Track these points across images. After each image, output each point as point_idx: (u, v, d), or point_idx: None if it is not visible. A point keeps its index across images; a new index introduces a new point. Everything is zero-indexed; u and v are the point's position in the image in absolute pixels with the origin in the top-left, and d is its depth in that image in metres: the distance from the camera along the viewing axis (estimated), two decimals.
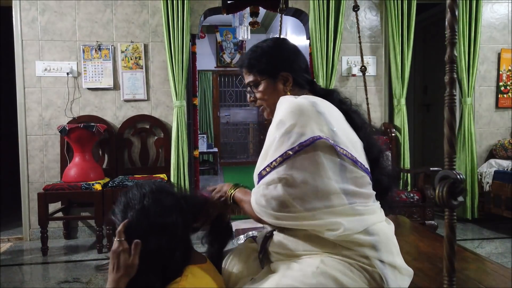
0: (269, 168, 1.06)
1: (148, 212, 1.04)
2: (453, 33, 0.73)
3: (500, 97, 4.14)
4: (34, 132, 3.63)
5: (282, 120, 1.07)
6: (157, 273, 1.03)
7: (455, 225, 0.72)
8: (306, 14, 3.93)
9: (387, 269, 1.03)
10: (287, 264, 1.07)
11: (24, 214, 3.63)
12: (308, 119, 1.05)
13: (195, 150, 3.96)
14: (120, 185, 3.23)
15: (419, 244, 1.79)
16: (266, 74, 1.24)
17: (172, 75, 3.61)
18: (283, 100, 1.14)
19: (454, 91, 0.74)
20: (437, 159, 4.76)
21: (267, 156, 1.09)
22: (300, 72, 1.25)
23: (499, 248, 3.23)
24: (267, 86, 1.24)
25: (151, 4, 3.73)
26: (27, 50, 3.60)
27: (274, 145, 1.07)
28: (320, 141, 1.03)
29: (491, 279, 1.40)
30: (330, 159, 1.04)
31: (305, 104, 1.08)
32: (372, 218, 1.07)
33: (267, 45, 1.28)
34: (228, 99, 9.22)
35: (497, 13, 4.12)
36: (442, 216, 4.43)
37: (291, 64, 1.24)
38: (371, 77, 4.02)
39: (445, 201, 0.69)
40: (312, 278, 0.99)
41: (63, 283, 2.64)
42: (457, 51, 3.92)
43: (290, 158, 1.03)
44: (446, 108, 0.73)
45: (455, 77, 0.75)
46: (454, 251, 0.72)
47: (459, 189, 0.69)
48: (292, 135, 1.04)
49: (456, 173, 0.69)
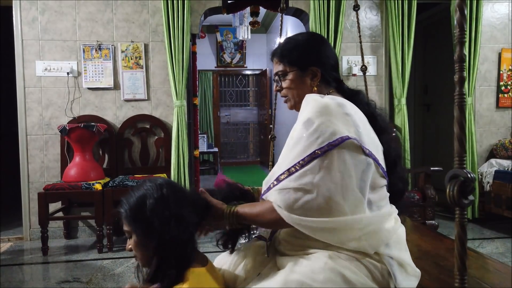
0: (299, 166, 1.05)
1: (168, 200, 1.03)
2: (463, 32, 0.73)
3: (501, 96, 4.13)
4: (35, 132, 3.63)
5: (310, 119, 1.07)
6: (171, 263, 1.03)
7: (466, 224, 0.72)
8: (306, 14, 3.92)
9: (396, 267, 1.04)
10: (295, 260, 1.07)
11: (24, 214, 3.63)
12: (336, 120, 1.06)
13: (195, 150, 3.96)
14: (121, 185, 3.23)
15: (421, 243, 1.79)
16: (296, 65, 1.25)
17: (172, 75, 3.61)
18: (310, 98, 1.14)
19: (463, 90, 0.73)
20: (437, 158, 4.75)
21: (290, 154, 1.08)
22: (329, 69, 1.26)
23: (500, 248, 3.22)
24: (294, 77, 1.25)
25: (151, 4, 3.72)
26: (27, 49, 3.60)
27: (302, 144, 1.06)
28: (348, 141, 1.03)
29: (493, 277, 1.40)
30: (358, 158, 1.04)
31: (332, 105, 1.08)
32: (387, 220, 1.09)
33: (301, 38, 1.29)
34: (229, 99, 9.22)
35: (498, 12, 4.11)
36: (443, 216, 4.43)
37: (322, 60, 1.25)
38: (372, 77, 4.02)
39: (456, 200, 0.68)
40: (320, 274, 0.99)
41: (63, 283, 2.64)
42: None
43: (319, 158, 1.02)
44: (456, 107, 0.73)
45: (465, 76, 0.74)
46: (466, 250, 0.72)
47: (469, 188, 0.68)
48: (321, 135, 1.03)
49: (466, 172, 0.68)
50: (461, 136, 0.72)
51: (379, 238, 1.05)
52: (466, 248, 0.72)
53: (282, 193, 1.05)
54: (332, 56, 1.29)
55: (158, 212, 1.01)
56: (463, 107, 0.73)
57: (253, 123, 9.38)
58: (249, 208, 1.15)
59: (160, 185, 1.06)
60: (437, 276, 1.39)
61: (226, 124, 9.24)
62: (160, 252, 1.01)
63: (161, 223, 1.00)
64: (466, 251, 0.72)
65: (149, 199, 1.03)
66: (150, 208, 1.02)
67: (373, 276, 1.02)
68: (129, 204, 1.05)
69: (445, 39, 4.32)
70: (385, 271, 1.04)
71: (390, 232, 1.08)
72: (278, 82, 1.31)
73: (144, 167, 3.73)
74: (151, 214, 1.01)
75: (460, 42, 0.73)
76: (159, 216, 1.01)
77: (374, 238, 1.04)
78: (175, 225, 1.01)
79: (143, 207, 1.02)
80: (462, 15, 0.72)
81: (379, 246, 1.04)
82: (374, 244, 1.04)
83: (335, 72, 1.29)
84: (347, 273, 1.00)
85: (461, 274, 0.72)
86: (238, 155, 9.45)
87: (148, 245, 1.02)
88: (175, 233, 1.01)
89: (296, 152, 1.07)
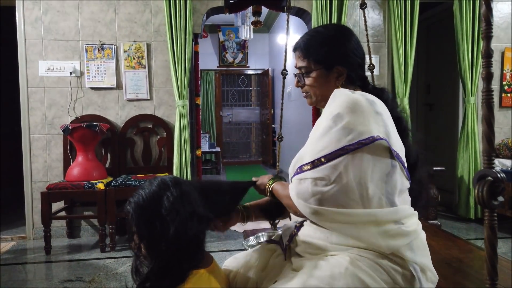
0: (325, 159, 1.02)
1: (188, 197, 1.03)
2: (489, 26, 0.69)
3: (504, 96, 4.12)
4: (38, 131, 3.64)
5: (340, 114, 1.03)
6: (185, 260, 1.01)
7: (495, 225, 0.68)
8: (308, 13, 3.92)
9: (419, 272, 1.01)
10: (314, 262, 1.03)
11: (27, 213, 3.64)
12: (367, 118, 1.03)
13: (197, 149, 3.96)
14: (123, 185, 3.24)
15: (431, 243, 1.77)
16: (322, 64, 1.20)
17: (174, 74, 3.61)
18: (339, 93, 1.10)
19: (491, 87, 0.70)
20: (440, 158, 4.74)
21: (316, 145, 1.06)
22: (355, 68, 1.21)
23: (503, 247, 3.21)
24: (319, 76, 1.20)
25: (153, 4, 3.73)
26: (30, 49, 3.61)
27: (330, 137, 1.03)
28: (379, 142, 1.01)
29: (506, 277, 1.38)
30: (385, 161, 1.02)
31: (363, 102, 1.05)
32: (408, 222, 1.06)
33: (328, 32, 1.23)
34: (231, 98, 9.22)
35: (501, 12, 4.10)
36: (445, 215, 4.41)
37: (349, 59, 1.19)
38: (374, 76, 4.00)
39: (486, 201, 0.65)
40: (340, 280, 0.96)
41: (66, 282, 2.65)
42: (461, 51, 3.90)
43: (348, 154, 1.00)
44: (483, 104, 0.69)
45: (492, 72, 0.70)
46: (496, 253, 0.69)
47: (500, 188, 0.65)
48: (352, 132, 1.01)
49: (495, 172, 0.65)
50: (489, 135, 0.68)
51: (397, 238, 1.00)
52: (496, 251, 0.69)
53: (302, 183, 1.06)
54: (360, 53, 1.22)
55: (178, 207, 1.00)
56: (491, 104, 0.69)
57: (255, 123, 9.37)
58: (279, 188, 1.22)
59: (177, 182, 1.05)
60: (452, 277, 1.36)
61: (228, 124, 9.24)
62: (166, 253, 0.99)
63: (181, 219, 0.99)
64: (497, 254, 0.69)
65: (166, 192, 1.02)
66: (166, 207, 1.00)
67: (395, 282, 0.99)
68: (140, 204, 1.02)
69: (447, 38, 4.30)
70: (407, 276, 1.00)
71: (409, 234, 1.03)
72: (300, 78, 1.25)
73: (146, 166, 3.74)
74: (166, 213, 0.99)
75: (487, 37, 0.69)
76: (180, 212, 1.00)
77: (392, 237, 1.00)
78: (195, 222, 1.01)
79: (156, 207, 1.00)
80: (488, 9, 0.69)
81: (398, 248, 1.00)
82: (392, 244, 0.99)
83: (361, 70, 1.23)
84: (367, 280, 0.96)
85: (492, 278, 0.69)
86: (240, 154, 9.45)
87: (158, 245, 1.00)
88: (193, 230, 1.00)
89: (323, 145, 1.04)
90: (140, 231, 1.03)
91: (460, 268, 1.46)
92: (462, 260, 1.53)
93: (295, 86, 1.30)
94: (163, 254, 1.00)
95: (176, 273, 1.00)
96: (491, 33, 0.69)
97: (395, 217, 1.02)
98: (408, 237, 1.02)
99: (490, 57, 0.69)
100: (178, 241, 0.98)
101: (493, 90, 0.72)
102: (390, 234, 1.00)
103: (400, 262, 1.00)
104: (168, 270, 1.00)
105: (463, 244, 1.75)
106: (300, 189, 1.06)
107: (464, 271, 1.42)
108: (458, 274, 1.39)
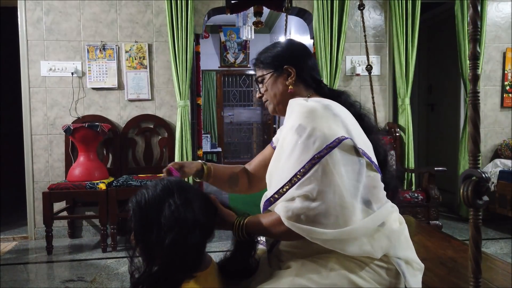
0: (300, 175, 1.01)
1: (191, 206, 1.01)
2: (476, 29, 0.71)
3: (505, 96, 4.11)
4: (39, 131, 3.65)
5: (301, 125, 1.05)
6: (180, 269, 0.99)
7: (480, 225, 0.70)
8: (310, 14, 3.92)
9: (404, 266, 1.04)
10: (301, 261, 1.05)
11: (29, 213, 3.64)
12: (328, 122, 1.05)
13: (199, 149, 3.96)
14: (124, 185, 3.24)
15: (427, 244, 1.77)
16: (271, 67, 1.26)
17: (176, 75, 3.61)
18: (294, 103, 1.13)
19: (477, 88, 0.71)
20: (441, 159, 4.73)
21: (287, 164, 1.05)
22: (305, 69, 1.25)
23: (504, 248, 3.21)
24: (271, 79, 1.26)
25: (155, 4, 3.73)
26: (32, 50, 3.62)
27: (298, 151, 1.03)
28: (344, 142, 1.03)
29: (502, 279, 1.38)
30: (354, 159, 1.04)
31: (318, 108, 1.07)
32: (388, 219, 1.08)
33: (277, 43, 1.32)
34: (232, 99, 9.22)
35: (502, 12, 4.09)
36: (447, 216, 4.41)
37: (295, 59, 1.25)
38: (375, 76, 4.00)
39: (470, 200, 0.67)
40: (327, 279, 0.99)
41: (67, 282, 2.65)
42: (462, 51, 3.90)
43: (320, 162, 1.00)
44: (469, 105, 0.71)
45: (479, 74, 0.72)
46: (480, 252, 0.70)
47: (484, 188, 0.67)
48: (317, 139, 1.01)
49: (480, 172, 0.67)
50: (475, 136, 0.70)
51: (387, 241, 1.03)
52: (480, 250, 0.70)
53: (288, 204, 1.01)
54: (308, 56, 1.29)
55: (171, 220, 0.97)
56: (477, 106, 0.70)
57: (257, 123, 9.37)
58: (258, 220, 1.09)
59: (182, 188, 1.03)
60: (446, 277, 1.37)
61: (230, 124, 9.24)
62: (160, 260, 0.98)
63: (187, 226, 0.97)
64: (481, 253, 0.70)
65: (169, 199, 0.99)
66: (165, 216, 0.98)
67: (381, 279, 1.02)
68: (141, 206, 1.00)
69: (449, 38, 4.29)
70: (392, 272, 1.03)
71: (397, 233, 1.07)
72: (258, 88, 1.32)
73: (148, 166, 3.74)
74: (165, 221, 0.97)
75: (474, 39, 0.71)
76: (185, 218, 0.98)
77: (382, 241, 1.03)
78: (198, 230, 0.99)
79: (156, 213, 0.98)
80: (475, 12, 0.70)
81: (388, 249, 1.03)
82: (384, 247, 1.03)
83: (313, 72, 1.27)
84: (353, 278, 0.99)
85: (476, 277, 0.70)
86: (242, 155, 9.44)
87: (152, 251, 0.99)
88: (195, 238, 0.98)
89: (293, 161, 1.04)
90: (137, 234, 1.01)
91: (455, 268, 1.47)
92: (456, 260, 1.54)
93: (257, 98, 1.36)
94: (156, 261, 0.99)
95: (169, 281, 0.98)
96: (478, 35, 0.71)
97: (377, 223, 1.04)
98: (393, 237, 1.05)
99: (477, 59, 0.71)
100: (174, 250, 0.96)
101: (479, 92, 0.73)
102: (379, 239, 1.03)
103: (385, 259, 1.04)
104: (161, 277, 0.98)
105: (459, 244, 1.76)
106: (289, 211, 1.00)
107: (458, 271, 1.43)
108: (452, 274, 1.40)
